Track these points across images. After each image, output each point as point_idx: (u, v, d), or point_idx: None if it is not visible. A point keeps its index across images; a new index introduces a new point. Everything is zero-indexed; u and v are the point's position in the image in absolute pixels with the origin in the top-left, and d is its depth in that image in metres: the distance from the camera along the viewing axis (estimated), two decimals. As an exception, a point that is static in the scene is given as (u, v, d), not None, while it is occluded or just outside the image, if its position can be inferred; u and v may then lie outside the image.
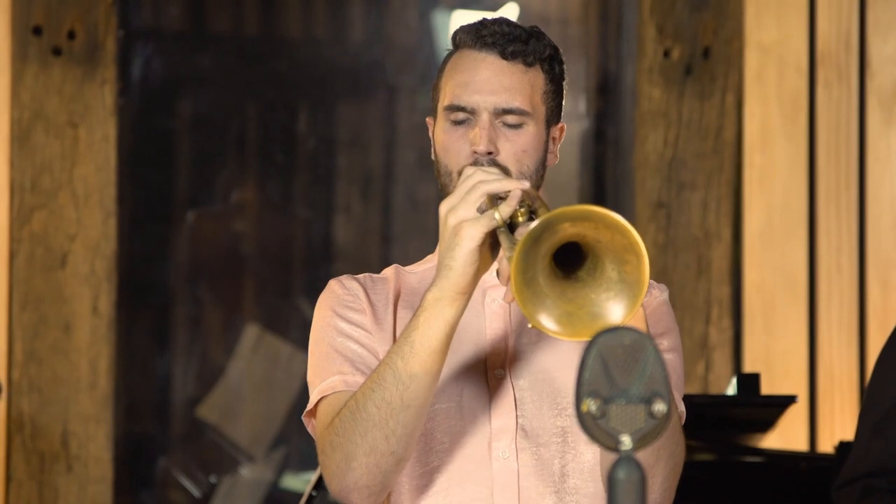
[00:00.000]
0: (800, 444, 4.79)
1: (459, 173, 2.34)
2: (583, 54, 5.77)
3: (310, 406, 2.37)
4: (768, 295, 4.86)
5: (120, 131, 4.74)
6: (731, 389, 4.11)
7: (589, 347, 1.75)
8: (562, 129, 2.46)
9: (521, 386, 2.37)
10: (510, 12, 5.88)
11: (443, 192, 2.39)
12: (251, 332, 6.14)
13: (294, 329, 6.23)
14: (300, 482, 5.82)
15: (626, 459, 1.72)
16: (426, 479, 2.36)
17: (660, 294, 2.44)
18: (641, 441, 1.73)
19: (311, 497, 3.71)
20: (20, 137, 4.65)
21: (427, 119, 2.48)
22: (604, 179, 5.68)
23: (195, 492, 6.08)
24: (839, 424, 4.80)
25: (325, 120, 6.42)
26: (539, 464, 2.34)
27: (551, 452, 2.35)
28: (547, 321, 2.06)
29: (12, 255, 4.63)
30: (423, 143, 6.24)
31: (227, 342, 6.19)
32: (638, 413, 1.73)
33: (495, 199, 2.21)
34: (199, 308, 6.30)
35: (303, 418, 2.41)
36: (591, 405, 1.73)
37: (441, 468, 2.36)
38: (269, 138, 6.37)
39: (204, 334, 6.28)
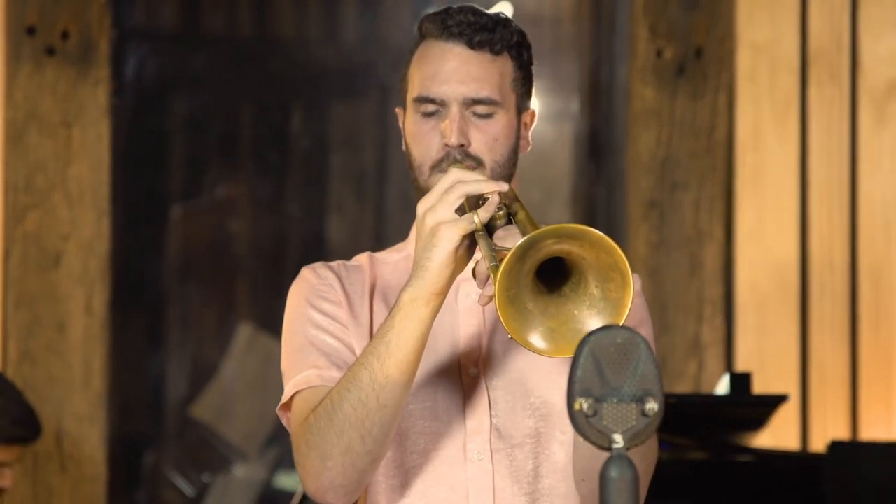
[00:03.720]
0: (791, 443, 4.80)
1: (432, 167, 2.35)
2: (576, 54, 5.78)
3: (284, 399, 2.36)
4: (760, 294, 4.87)
5: (113, 131, 4.74)
6: (723, 388, 4.12)
7: (581, 346, 1.76)
8: (532, 115, 2.46)
9: (494, 386, 2.36)
10: (503, 11, 5.87)
11: (414, 185, 2.39)
12: (244, 332, 6.14)
13: (287, 328, 6.23)
14: (293, 481, 5.82)
15: (619, 458, 1.73)
16: (402, 479, 2.36)
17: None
18: (634, 439, 1.74)
19: (304, 497, 3.71)
20: (14, 137, 4.65)
21: (396, 109, 2.47)
22: (596, 179, 5.68)
23: (189, 491, 6.08)
24: (831, 424, 4.81)
25: (319, 120, 6.42)
26: (513, 464, 2.34)
27: (525, 453, 2.35)
28: (531, 338, 2.07)
29: (6, 255, 4.64)
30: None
31: (220, 341, 6.19)
32: (630, 412, 1.74)
33: (475, 200, 2.20)
34: (193, 307, 6.30)
35: (277, 411, 2.40)
36: (583, 404, 1.74)
37: (417, 469, 2.36)
38: (263, 138, 6.37)
39: (197, 333, 6.28)
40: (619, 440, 1.73)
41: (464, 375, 2.37)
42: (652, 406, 1.74)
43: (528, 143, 2.45)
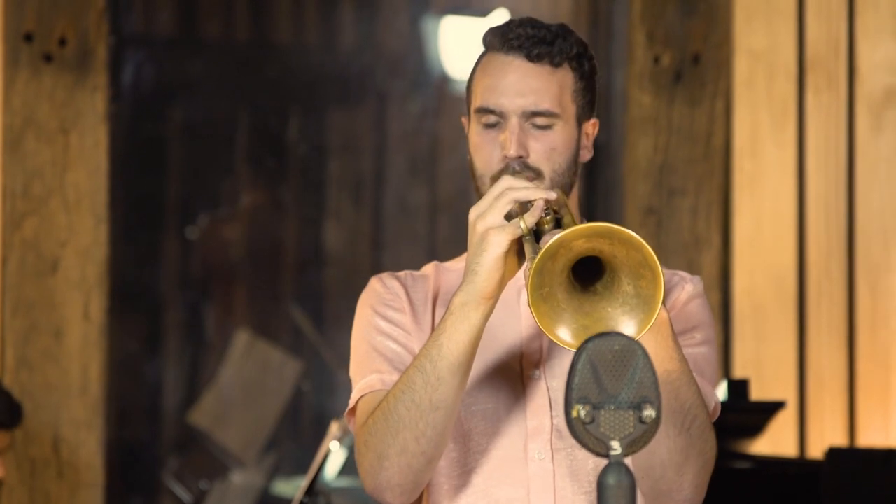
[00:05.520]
0: (789, 449, 4.80)
1: (492, 178, 2.39)
2: (573, 60, 5.77)
3: (351, 404, 2.43)
4: (758, 300, 4.87)
5: (111, 137, 4.74)
6: (721, 395, 4.12)
7: (578, 353, 1.76)
8: (594, 125, 2.51)
9: (555, 387, 2.40)
10: (499, 18, 5.89)
11: (476, 194, 2.43)
12: (242, 338, 6.14)
13: (285, 334, 6.23)
14: (291, 487, 5.82)
15: (616, 465, 1.73)
16: (464, 480, 2.41)
17: (693, 288, 2.47)
18: (631, 447, 1.74)
19: (302, 503, 3.71)
20: (11, 143, 4.65)
21: (462, 118, 2.53)
22: (594, 185, 5.68)
23: (186, 497, 6.08)
24: (829, 430, 4.81)
25: (316, 126, 6.42)
26: (574, 464, 2.38)
27: (585, 453, 2.37)
28: (564, 335, 2.11)
29: (3, 262, 4.63)
30: (414, 149, 6.26)
31: (218, 348, 6.19)
32: (627, 419, 1.74)
33: (525, 206, 2.25)
34: (190, 314, 6.30)
35: (345, 416, 2.46)
36: (580, 411, 1.74)
37: (478, 469, 2.40)
38: (260, 144, 6.38)
39: (195, 340, 6.28)
40: (616, 447, 1.73)
41: (525, 377, 2.42)
42: (649, 413, 1.74)
43: (590, 151, 2.50)
